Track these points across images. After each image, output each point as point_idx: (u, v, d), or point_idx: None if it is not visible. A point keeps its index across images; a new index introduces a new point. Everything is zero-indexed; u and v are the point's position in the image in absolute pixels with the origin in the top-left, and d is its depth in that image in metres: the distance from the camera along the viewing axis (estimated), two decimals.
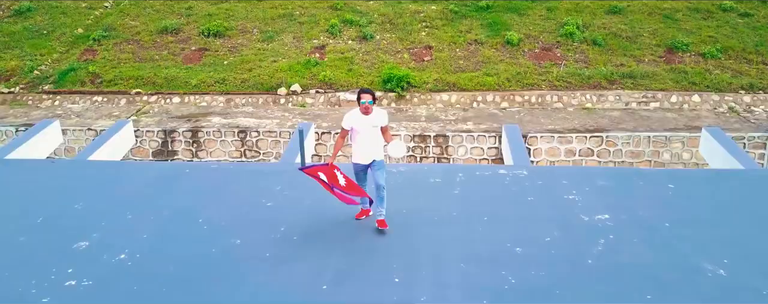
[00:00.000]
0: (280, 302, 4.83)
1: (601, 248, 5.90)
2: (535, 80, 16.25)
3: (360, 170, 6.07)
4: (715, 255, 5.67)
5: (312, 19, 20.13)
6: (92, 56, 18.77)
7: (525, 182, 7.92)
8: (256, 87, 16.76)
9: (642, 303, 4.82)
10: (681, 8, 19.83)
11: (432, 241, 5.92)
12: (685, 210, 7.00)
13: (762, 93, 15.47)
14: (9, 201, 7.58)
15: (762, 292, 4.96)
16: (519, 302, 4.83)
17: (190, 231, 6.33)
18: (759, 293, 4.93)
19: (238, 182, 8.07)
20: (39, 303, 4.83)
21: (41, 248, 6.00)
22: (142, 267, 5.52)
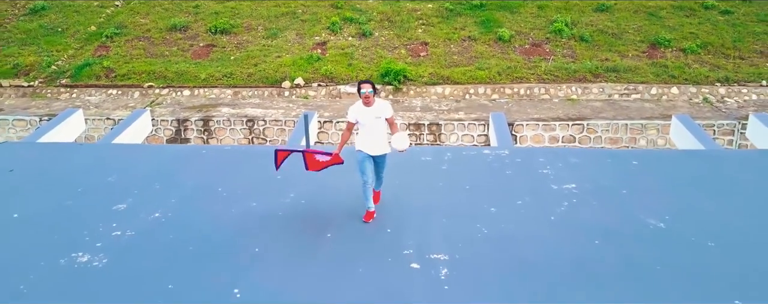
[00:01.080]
0: (291, 248, 5.84)
1: (563, 208, 6.92)
2: (524, 74, 17.28)
3: (365, 158, 6.08)
4: (659, 214, 6.68)
5: (314, 16, 21.14)
6: (106, 52, 19.80)
7: (505, 160, 8.93)
8: (262, 81, 17.79)
9: (590, 247, 5.83)
10: (665, 6, 20.83)
11: (420, 204, 6.92)
12: (642, 181, 8.01)
13: (736, 85, 16.48)
14: (48, 176, 8.60)
15: (690, 239, 5.98)
16: (490, 246, 5.85)
17: (212, 197, 7.35)
18: (687, 240, 5.95)
19: (250, 161, 9.09)
20: (94, 247, 5.85)
21: (86, 209, 7.02)
22: (174, 222, 6.54)
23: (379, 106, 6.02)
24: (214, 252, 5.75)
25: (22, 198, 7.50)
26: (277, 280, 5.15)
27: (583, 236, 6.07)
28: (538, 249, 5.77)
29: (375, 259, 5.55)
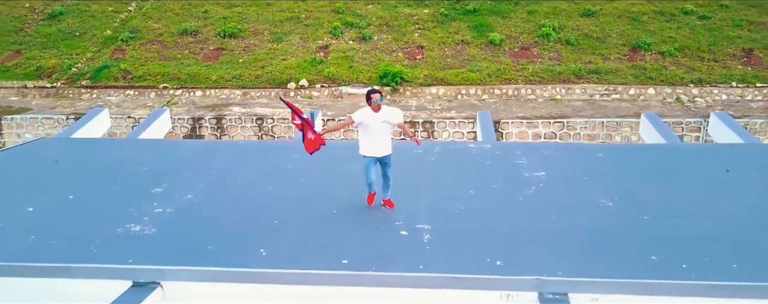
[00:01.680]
0: (303, 221, 7.13)
1: (531, 191, 8.23)
2: (513, 76, 18.58)
3: (371, 163, 6.87)
4: (610, 195, 7.98)
5: (316, 21, 22.45)
6: (122, 55, 21.11)
7: (487, 153, 10.27)
8: (269, 82, 19.11)
9: (547, 220, 7.13)
10: (647, 11, 22.13)
11: (410, 187, 8.21)
12: (602, 170, 9.34)
13: (708, 86, 17.78)
14: (89, 166, 9.92)
15: (630, 214, 7.28)
16: (465, 219, 7.15)
17: (234, 182, 8.67)
18: (628, 214, 7.25)
19: (263, 153, 10.43)
20: (142, 220, 7.16)
21: (129, 191, 8.34)
22: (205, 202, 7.85)
23: (386, 111, 6.64)
24: (241, 223, 7.06)
25: (71, 183, 8.82)
26: (292, 244, 6.45)
27: (543, 212, 7.38)
28: (505, 221, 7.08)
29: (372, 228, 6.86)
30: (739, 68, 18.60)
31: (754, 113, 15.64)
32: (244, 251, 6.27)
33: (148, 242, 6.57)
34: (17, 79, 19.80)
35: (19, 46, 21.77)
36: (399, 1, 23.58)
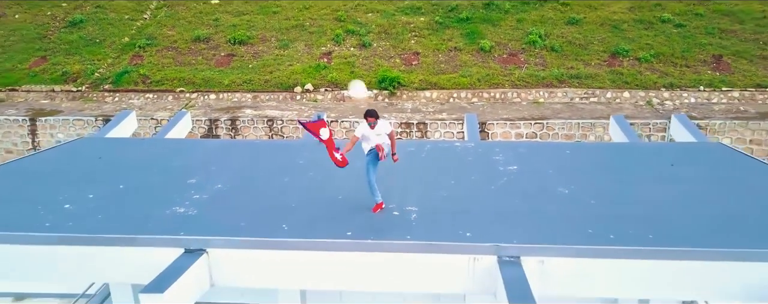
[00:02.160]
0: (314, 204, 8.80)
1: (502, 181, 9.91)
2: (501, 80, 20.26)
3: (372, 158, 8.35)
4: (568, 185, 9.64)
5: (320, 29, 24.12)
6: (140, 61, 22.79)
7: (470, 150, 11.95)
8: (277, 86, 20.79)
9: (512, 203, 8.81)
10: (628, 19, 23.79)
11: (402, 179, 9.89)
12: (567, 164, 10.99)
13: (678, 90, 19.45)
14: (128, 161, 11.61)
15: (581, 199, 8.94)
16: (446, 203, 8.82)
17: (256, 173, 10.35)
18: (579, 199, 8.91)
19: (276, 151, 12.11)
20: (184, 204, 8.83)
21: (168, 182, 10.02)
22: (233, 189, 9.53)
23: (380, 125, 8.28)
24: (264, 206, 8.74)
25: (117, 176, 10.52)
26: (307, 221, 8.13)
27: (508, 198, 9.06)
28: (476, 204, 8.76)
29: (370, 210, 8.54)
30: (708, 73, 20.27)
31: (715, 115, 17.33)
32: (269, 226, 7.96)
33: (193, 220, 8.26)
34: (45, 84, 21.50)
35: (44, 53, 23.45)
36: (397, 9, 25.26)
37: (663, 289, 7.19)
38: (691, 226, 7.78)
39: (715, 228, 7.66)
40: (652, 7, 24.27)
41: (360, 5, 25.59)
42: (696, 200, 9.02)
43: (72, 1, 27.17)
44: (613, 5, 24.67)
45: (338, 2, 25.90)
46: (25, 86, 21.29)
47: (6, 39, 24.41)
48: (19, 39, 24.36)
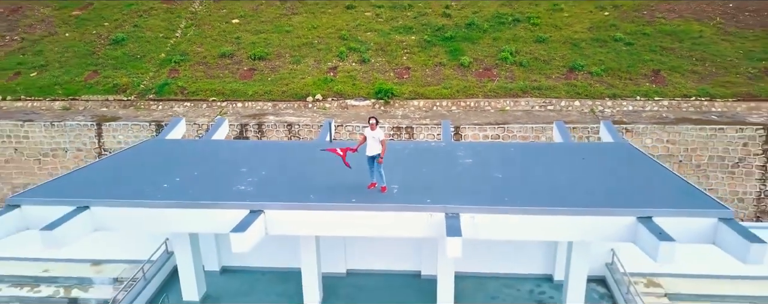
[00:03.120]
0: (330, 184, 13.23)
1: (458, 169, 14.40)
2: (475, 91, 24.69)
3: (369, 161, 12.58)
4: (502, 171, 14.12)
5: (327, 47, 28.55)
6: (177, 74, 27.24)
7: (441, 149, 16.44)
8: (292, 96, 25.23)
9: (459, 183, 13.26)
10: (586, 38, 28.18)
11: (391, 168, 14.35)
12: (508, 158, 15.46)
13: (620, 100, 23.85)
14: (193, 157, 16.07)
15: (508, 180, 13.41)
16: (417, 181, 13.26)
17: (286, 164, 14.84)
18: (506, 181, 13.38)
19: (298, 149, 16.60)
20: (244, 182, 13.30)
21: (226, 171, 14.48)
22: (274, 174, 14.00)
23: (378, 130, 12.61)
24: (297, 185, 13.23)
25: (189, 167, 15.00)
26: (325, 193, 12.60)
27: (458, 179, 13.55)
28: (437, 183, 13.24)
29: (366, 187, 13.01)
30: (646, 85, 24.67)
31: (641, 120, 21.75)
32: (301, 196, 12.45)
33: (251, 193, 12.74)
34: (100, 94, 25.96)
35: (95, 67, 27.91)
36: (392, 29, 29.67)
37: (546, 233, 11.82)
38: (572, 195, 12.35)
39: (586, 196, 12.24)
40: (608, 27, 28.67)
41: (360, 25, 30.01)
42: (583, 180, 13.58)
43: (113, 20, 31.61)
44: (575, 25, 29.08)
45: (341, 22, 30.32)
46: (84, 96, 25.77)
47: (61, 55, 28.88)
48: (72, 55, 28.82)
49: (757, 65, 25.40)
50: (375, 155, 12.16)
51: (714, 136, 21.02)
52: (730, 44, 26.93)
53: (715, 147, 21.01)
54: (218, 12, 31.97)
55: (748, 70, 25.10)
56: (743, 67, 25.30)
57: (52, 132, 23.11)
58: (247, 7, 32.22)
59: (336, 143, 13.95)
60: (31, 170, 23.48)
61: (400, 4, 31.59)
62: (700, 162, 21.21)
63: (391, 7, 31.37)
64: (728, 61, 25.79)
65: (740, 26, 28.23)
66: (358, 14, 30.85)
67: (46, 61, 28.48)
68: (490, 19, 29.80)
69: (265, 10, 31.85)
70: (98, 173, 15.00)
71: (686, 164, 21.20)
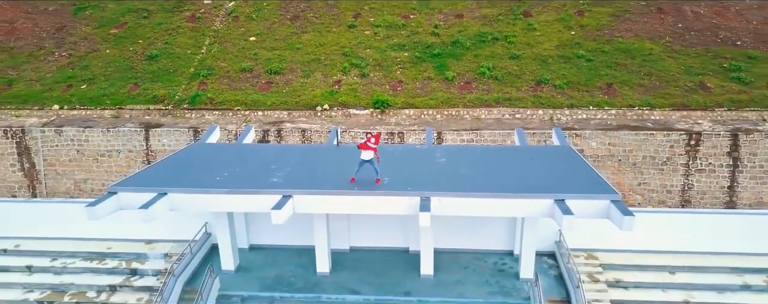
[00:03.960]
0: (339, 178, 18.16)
1: (433, 166, 19.41)
2: (457, 102, 29.58)
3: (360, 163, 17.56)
4: (467, 168, 19.10)
5: (332, 63, 33.44)
6: (205, 87, 32.14)
7: (424, 151, 21.47)
8: (304, 106, 30.14)
9: (433, 176, 18.21)
10: (553, 55, 33.02)
11: (384, 166, 19.28)
12: (474, 158, 20.50)
13: (576, 109, 28.73)
14: (232, 157, 21.06)
15: (470, 175, 18.38)
16: (400, 174, 18.20)
17: (305, 162, 19.87)
18: (468, 176, 18.34)
19: (315, 151, 21.63)
20: (276, 176, 18.25)
21: (259, 168, 19.49)
22: (297, 171, 19.00)
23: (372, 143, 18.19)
24: (315, 178, 18.25)
25: (231, 165, 19.99)
26: (335, 182, 17.60)
27: (432, 174, 18.55)
28: (416, 175, 18.30)
29: (365, 181, 18.00)
30: (600, 97, 29.54)
31: (589, 127, 26.67)
32: (318, 185, 17.44)
33: (282, 183, 17.72)
34: (142, 104, 30.89)
35: (135, 80, 32.83)
36: (388, 46, 34.54)
37: (489, 211, 16.86)
38: (512, 185, 17.37)
39: (522, 185, 17.22)
40: (573, 45, 33.52)
41: (361, 43, 34.89)
42: (524, 174, 18.58)
43: (146, 38, 36.51)
44: (545, 43, 33.94)
45: (344, 40, 35.20)
46: (128, 105, 30.71)
47: (105, 69, 33.80)
48: (114, 69, 33.75)
49: (694, 79, 30.29)
50: (368, 159, 17.20)
51: (647, 139, 25.96)
52: (674, 61, 31.80)
53: (648, 149, 25.95)
54: (237, 30, 36.86)
55: (685, 84, 30.00)
56: (682, 81, 30.19)
57: (107, 136, 28.08)
58: (262, 26, 37.10)
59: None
60: (90, 168, 28.46)
61: (395, 24, 36.46)
62: (636, 161, 26.14)
63: (387, 26, 36.24)
64: (670, 75, 30.68)
65: (685, 45, 33.10)
66: (358, 33, 35.73)
67: (92, 75, 33.41)
68: (472, 37, 34.67)
69: (278, 29, 36.73)
70: (166, 169, 20.17)
71: (624, 162, 26.14)
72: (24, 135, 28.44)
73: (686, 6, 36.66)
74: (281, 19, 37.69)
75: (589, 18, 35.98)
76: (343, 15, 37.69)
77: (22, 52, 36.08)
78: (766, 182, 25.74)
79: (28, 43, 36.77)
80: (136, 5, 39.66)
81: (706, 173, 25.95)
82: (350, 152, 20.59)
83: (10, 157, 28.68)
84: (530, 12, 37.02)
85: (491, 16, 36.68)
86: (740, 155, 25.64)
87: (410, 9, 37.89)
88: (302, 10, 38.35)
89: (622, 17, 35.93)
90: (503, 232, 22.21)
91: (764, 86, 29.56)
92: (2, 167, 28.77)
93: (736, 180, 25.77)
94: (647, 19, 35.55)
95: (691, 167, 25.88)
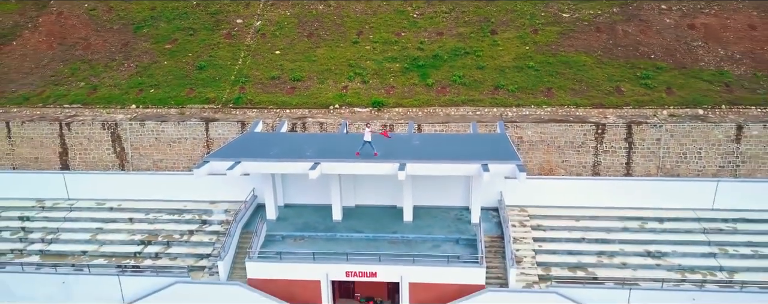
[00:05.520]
0: (350, 150, 28.44)
1: (409, 147, 29.79)
2: (434, 103, 39.75)
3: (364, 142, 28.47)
4: (434, 146, 29.45)
5: (341, 71, 43.58)
6: (244, 91, 42.33)
7: (405, 137, 31.99)
8: (320, 106, 40.32)
9: (409, 152, 28.53)
10: (510, 66, 43.08)
11: (377, 146, 29.59)
12: (437, 141, 30.91)
13: (522, 107, 38.84)
14: (275, 142, 31.48)
15: (431, 151, 28.72)
16: (389, 151, 28.52)
17: (326, 144, 30.33)
18: (431, 151, 28.71)
19: (331, 137, 32.13)
20: (306, 154, 28.58)
21: (297, 149, 29.95)
22: (322, 148, 29.37)
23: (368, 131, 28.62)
24: (335, 152, 28.65)
25: (275, 146, 30.44)
26: (347, 155, 27.94)
27: (409, 150, 28.94)
28: (398, 152, 28.70)
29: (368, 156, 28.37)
30: (540, 98, 39.65)
31: (528, 120, 36.84)
32: (336, 156, 27.83)
33: (313, 156, 28.13)
34: (198, 104, 41.11)
35: (190, 86, 43.04)
36: (383, 59, 44.63)
37: (440, 171, 27.59)
38: (458, 156, 27.97)
39: (464, 156, 27.85)
40: (526, 58, 43.57)
41: (362, 56, 45.00)
42: (468, 151, 29.08)
43: (194, 52, 46.66)
44: (505, 57, 44.00)
45: (350, 54, 45.29)
46: (188, 105, 40.95)
47: (166, 77, 44.02)
48: (173, 77, 43.98)
49: (613, 85, 40.42)
50: (368, 140, 27.54)
51: (568, 129, 36.18)
52: (601, 70, 41.90)
53: (568, 136, 36.16)
54: (265, 46, 47.01)
55: (605, 88, 40.14)
56: (603, 86, 40.33)
57: (177, 128, 38.37)
58: (285, 42, 47.23)
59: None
60: (165, 151, 38.75)
61: (389, 40, 46.55)
62: (560, 145, 36.35)
63: (383, 42, 46.34)
64: (595, 81, 40.79)
65: (611, 57, 43.17)
66: (360, 48, 45.86)
67: (157, 81, 43.67)
68: (449, 51, 44.76)
69: (297, 44, 46.87)
70: (234, 148, 30.64)
71: (551, 146, 36.34)
72: (116, 127, 38.75)
73: (619, 26, 46.67)
74: (299, 36, 47.82)
75: (541, 35, 46.02)
76: (349, 33, 47.80)
77: (99, 63, 46.33)
78: (651, 159, 35.96)
79: (102, 56, 47.00)
80: (183, 24, 49.80)
81: (609, 153, 36.19)
82: (355, 137, 30.81)
83: (106, 143, 39.01)
84: (496, 30, 47.08)
85: (465, 34, 46.76)
86: (633, 140, 35.86)
87: (402, 28, 47.97)
88: (316, 29, 48.48)
89: (568, 35, 45.95)
90: (462, 193, 32.58)
91: (663, 90, 39.71)
92: (101, 151, 39.12)
93: (631, 158, 36.01)
94: (586, 37, 45.60)
95: (599, 149, 36.12)
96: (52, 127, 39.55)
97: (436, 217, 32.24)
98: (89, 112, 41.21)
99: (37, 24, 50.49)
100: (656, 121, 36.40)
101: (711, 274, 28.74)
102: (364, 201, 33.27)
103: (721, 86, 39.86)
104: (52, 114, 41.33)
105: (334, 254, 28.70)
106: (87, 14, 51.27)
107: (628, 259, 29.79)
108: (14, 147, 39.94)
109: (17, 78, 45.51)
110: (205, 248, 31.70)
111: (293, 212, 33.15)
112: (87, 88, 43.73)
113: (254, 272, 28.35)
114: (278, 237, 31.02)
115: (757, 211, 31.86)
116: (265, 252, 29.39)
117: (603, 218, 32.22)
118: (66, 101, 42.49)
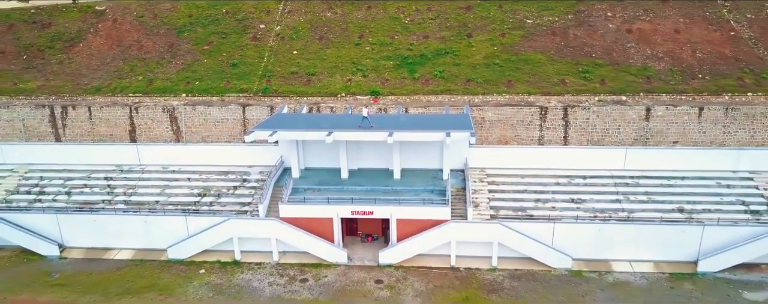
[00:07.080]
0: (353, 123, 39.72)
1: (398, 122, 41.11)
2: (419, 92, 50.95)
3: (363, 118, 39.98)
4: (414, 122, 40.77)
5: (346, 68, 54.76)
6: (269, 83, 53.54)
7: (393, 117, 43.42)
8: (330, 95, 51.56)
9: (396, 126, 39.88)
10: (480, 63, 54.20)
11: (374, 122, 40.87)
12: (418, 120, 42.34)
13: (486, 96, 49.97)
14: (301, 120, 42.89)
15: (413, 125, 40.07)
16: (383, 125, 39.86)
17: (339, 121, 41.68)
18: (412, 125, 40.04)
19: (340, 116, 43.61)
20: (323, 126, 39.91)
21: (315, 123, 41.25)
22: (335, 123, 40.73)
23: (365, 110, 40.05)
24: (345, 125, 40.01)
25: (299, 122, 41.82)
26: (351, 127, 39.31)
27: (397, 124, 40.32)
28: (389, 125, 40.08)
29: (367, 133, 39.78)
30: (503, 89, 50.77)
31: (489, 105, 48.01)
32: (346, 127, 39.22)
33: (328, 128, 39.53)
34: (234, 94, 52.33)
35: (227, 79, 54.26)
36: (380, 57, 55.75)
37: (417, 137, 39.22)
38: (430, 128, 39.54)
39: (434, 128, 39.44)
40: (493, 57, 54.64)
41: (363, 55, 56.13)
42: (438, 124, 40.57)
43: (227, 52, 57.80)
44: (477, 55, 55.07)
45: (353, 54, 56.40)
46: (226, 95, 52.22)
47: (206, 73, 55.25)
48: (212, 73, 55.22)
49: (559, 77, 51.55)
50: (366, 116, 38.89)
51: (519, 111, 47.41)
52: (551, 66, 53.01)
53: (520, 116, 47.39)
54: (284, 47, 58.19)
55: (553, 80, 51.28)
56: (552, 79, 51.46)
57: (221, 111, 49.71)
58: (300, 44, 58.39)
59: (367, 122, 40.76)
60: (211, 129, 50.07)
61: (385, 42, 57.67)
62: (514, 122, 47.59)
63: (380, 44, 57.47)
64: (546, 76, 51.92)
65: (561, 56, 54.25)
66: (361, 49, 56.99)
67: (200, 76, 54.94)
68: (433, 51, 55.88)
69: (310, 46, 58.02)
70: (271, 123, 42.05)
71: (506, 124, 47.54)
72: (173, 111, 50.07)
73: (571, 30, 57.70)
74: (312, 39, 58.96)
75: (507, 38, 57.08)
76: (352, 36, 58.89)
77: (151, 61, 57.59)
78: (582, 134, 47.17)
79: (153, 56, 58.26)
80: (217, 29, 60.94)
81: (551, 129, 47.39)
82: (357, 117, 42.06)
83: (165, 123, 50.35)
84: (472, 34, 58.17)
85: (446, 37, 57.84)
86: (569, 119, 47.06)
87: (395, 32, 59.07)
88: (325, 33, 59.61)
89: (529, 37, 57.02)
90: (437, 158, 43.89)
91: (598, 81, 50.84)
92: (161, 129, 50.47)
93: (567, 133, 47.21)
94: (544, 39, 56.67)
95: (543, 126, 47.32)
96: (124, 111, 50.93)
97: (417, 176, 43.51)
98: (149, 99, 52.54)
99: (98, 29, 61.77)
100: (587, 105, 47.63)
101: (615, 213, 39.96)
102: (365, 165, 44.53)
103: (643, 78, 51.02)
104: (121, 101, 52.68)
105: (343, 199, 39.96)
106: (137, 20, 62.52)
107: (557, 204, 40.98)
108: (94, 126, 51.33)
109: (88, 73, 56.82)
110: (246, 199, 42.98)
111: (312, 173, 44.44)
112: (145, 81, 55.02)
113: (285, 213, 39.61)
114: (301, 189, 42.29)
115: (655, 170, 43.07)
116: (293, 198, 40.68)
117: (542, 176, 43.42)
118: (129, 91, 53.82)
